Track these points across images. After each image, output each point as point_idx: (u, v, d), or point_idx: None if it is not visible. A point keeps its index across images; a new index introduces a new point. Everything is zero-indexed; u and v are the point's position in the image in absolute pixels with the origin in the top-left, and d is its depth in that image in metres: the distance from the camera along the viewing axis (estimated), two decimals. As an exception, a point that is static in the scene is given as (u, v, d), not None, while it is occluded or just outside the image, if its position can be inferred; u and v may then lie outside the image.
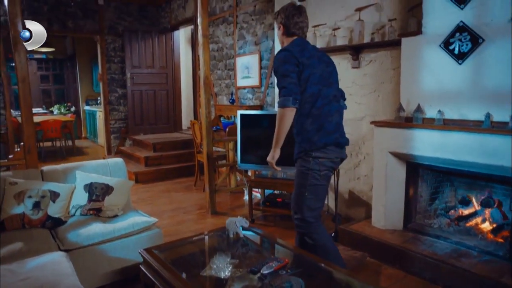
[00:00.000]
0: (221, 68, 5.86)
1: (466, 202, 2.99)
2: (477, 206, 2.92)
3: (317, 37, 3.95)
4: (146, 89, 7.17)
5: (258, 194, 4.32)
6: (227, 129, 4.76)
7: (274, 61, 2.24)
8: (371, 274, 2.67)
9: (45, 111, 10.19)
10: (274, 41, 4.51)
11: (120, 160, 3.12)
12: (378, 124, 3.05)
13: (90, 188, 2.75)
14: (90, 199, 2.72)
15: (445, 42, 2.64)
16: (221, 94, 5.93)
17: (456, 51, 2.59)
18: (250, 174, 4.62)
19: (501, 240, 2.61)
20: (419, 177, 3.03)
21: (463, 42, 2.54)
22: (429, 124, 2.71)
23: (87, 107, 9.98)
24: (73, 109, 10.34)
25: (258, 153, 3.82)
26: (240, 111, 3.79)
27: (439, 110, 2.67)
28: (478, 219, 2.85)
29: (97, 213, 2.69)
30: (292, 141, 2.31)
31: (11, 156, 2.97)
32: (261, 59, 4.95)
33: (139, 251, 2.06)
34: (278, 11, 2.36)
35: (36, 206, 2.54)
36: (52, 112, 10.08)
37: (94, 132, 9.61)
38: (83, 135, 10.45)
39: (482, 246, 2.59)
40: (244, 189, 4.64)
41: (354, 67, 3.64)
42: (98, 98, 9.38)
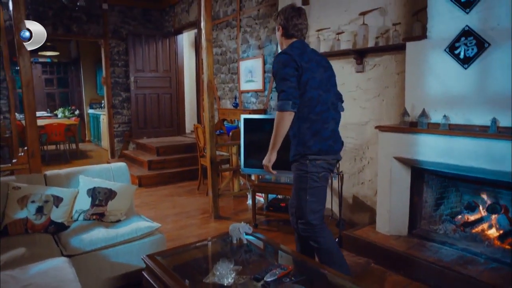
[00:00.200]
0: (224, 72, 5.87)
1: (472, 208, 2.95)
2: (483, 212, 2.89)
3: (321, 41, 3.94)
4: (150, 92, 7.19)
5: (262, 199, 4.30)
6: (231, 133, 4.75)
7: (273, 63, 2.24)
8: (376, 280, 2.64)
9: (49, 115, 10.25)
10: (277, 45, 4.51)
11: (123, 164, 3.11)
12: (382, 129, 3.02)
13: (93, 192, 2.74)
14: (93, 204, 2.71)
15: (450, 46, 2.62)
16: (224, 98, 5.93)
17: (461, 56, 2.57)
18: (253, 178, 4.60)
19: (508, 247, 2.58)
20: (424, 182, 3.00)
21: (469, 47, 2.52)
22: (434, 129, 2.69)
23: (91, 111, 10.02)
24: (77, 112, 10.39)
25: (262, 157, 3.75)
26: (243, 115, 3.78)
27: (445, 115, 2.64)
28: (485, 225, 2.82)
29: (100, 218, 2.69)
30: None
31: (15, 160, 2.97)
32: (264, 63, 4.95)
33: (142, 258, 2.05)
34: (278, 13, 2.37)
35: (39, 211, 2.54)
36: (56, 115, 10.14)
37: (97, 135, 9.64)
38: (87, 139, 10.49)
39: (488, 253, 2.55)
40: (247, 193, 4.63)
41: (358, 71, 3.62)
42: (102, 102, 9.42)
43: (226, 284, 1.79)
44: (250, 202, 4.35)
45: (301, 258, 2.12)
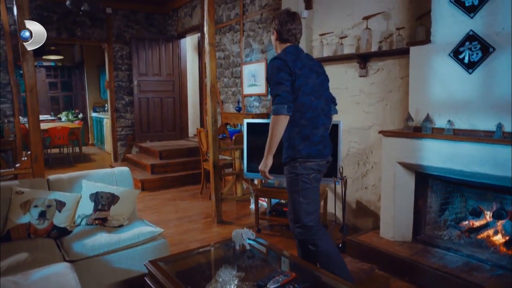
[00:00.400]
0: (227, 76, 5.87)
1: (477, 214, 2.92)
2: (488, 218, 2.86)
3: (324, 45, 3.93)
4: (153, 96, 7.20)
5: (265, 203, 4.28)
6: (234, 137, 4.74)
7: (268, 68, 2.29)
8: (380, 287, 2.62)
9: (53, 118, 10.30)
10: (280, 49, 4.50)
11: (126, 169, 3.11)
12: (386, 133, 3.01)
13: (96, 197, 2.74)
14: (95, 209, 2.71)
15: (454, 51, 2.60)
16: (227, 102, 5.93)
17: (466, 60, 2.55)
18: (256, 183, 4.59)
19: (514, 253, 2.55)
20: (428, 187, 2.97)
21: (473, 51, 2.50)
22: (438, 134, 2.67)
23: (95, 114, 10.06)
24: (80, 115, 10.43)
25: (265, 162, 3.78)
26: (246, 120, 3.77)
27: (449, 120, 2.62)
28: (490, 231, 2.79)
29: (102, 222, 2.68)
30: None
31: (18, 165, 2.98)
32: (267, 67, 4.94)
33: (144, 263, 2.04)
34: (273, 17, 2.43)
35: (42, 215, 2.53)
36: (60, 118, 10.18)
37: (101, 139, 9.67)
38: (90, 142, 10.52)
39: (494, 260, 2.52)
40: (250, 198, 4.61)
41: (361, 76, 3.61)
42: (106, 105, 9.45)
43: (228, 291, 1.77)
44: (253, 206, 4.33)
45: (304, 264, 2.10)
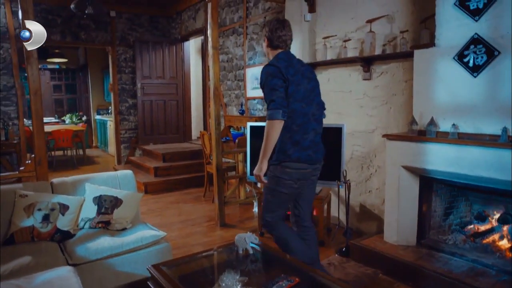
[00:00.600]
0: (231, 78, 5.87)
1: (482, 218, 2.90)
2: (494, 222, 2.83)
3: (327, 48, 3.92)
4: (156, 99, 7.22)
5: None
6: (237, 140, 4.74)
7: (261, 75, 2.33)
8: (384, 292, 2.60)
9: (57, 120, 10.34)
10: (284, 52, 4.50)
11: (129, 172, 3.11)
12: (390, 137, 2.99)
13: (99, 200, 2.74)
14: (99, 212, 2.71)
15: (459, 54, 2.59)
16: (230, 105, 5.93)
17: (470, 64, 2.53)
18: (259, 186, 4.58)
19: (520, 258, 2.52)
20: (433, 191, 2.95)
21: (478, 55, 2.48)
22: (443, 138, 2.65)
23: (98, 117, 10.09)
24: (84, 118, 10.47)
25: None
26: (250, 123, 3.77)
27: (454, 124, 2.60)
28: (496, 236, 2.76)
29: (105, 226, 2.68)
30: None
31: (22, 168, 2.99)
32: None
33: (147, 268, 2.03)
34: (264, 25, 2.45)
35: (45, 219, 2.54)
36: (64, 121, 10.23)
37: (104, 141, 9.70)
38: (94, 144, 10.56)
39: (500, 265, 2.49)
40: (253, 201, 4.60)
41: (365, 79, 3.60)
42: (109, 108, 9.49)
43: (232, 296, 1.76)
44: (256, 210, 4.32)
45: (308, 269, 2.09)
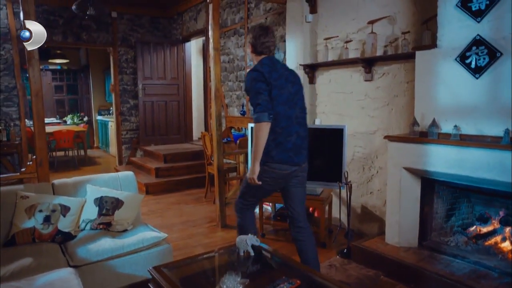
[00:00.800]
0: (232, 79, 5.87)
1: (484, 220, 2.89)
2: (496, 224, 2.82)
3: (329, 49, 3.92)
4: (158, 100, 7.22)
5: (269, 208, 4.26)
6: (238, 141, 4.73)
7: (246, 80, 2.44)
8: (386, 294, 2.59)
9: (58, 121, 10.35)
10: (285, 53, 4.50)
11: (130, 173, 3.11)
12: (392, 138, 2.98)
13: (100, 202, 2.74)
14: (100, 213, 2.71)
15: (461, 55, 2.58)
16: (232, 106, 5.92)
17: (472, 65, 2.52)
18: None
19: (522, 260, 2.51)
20: (435, 193, 2.94)
21: (480, 56, 2.48)
22: (445, 139, 2.64)
23: (100, 117, 10.10)
24: (85, 119, 10.48)
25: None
26: (251, 124, 3.76)
27: (455, 125, 2.59)
28: (498, 238, 2.75)
29: (106, 227, 2.68)
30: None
31: (23, 169, 2.99)
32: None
33: (148, 270, 2.03)
34: (249, 31, 2.57)
35: (46, 220, 2.54)
36: (65, 121, 10.24)
37: (106, 142, 9.70)
38: (95, 145, 10.56)
39: (502, 267, 2.48)
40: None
41: (366, 80, 3.59)
42: (111, 108, 9.49)
43: (233, 298, 1.76)
44: (257, 211, 4.31)
45: (309, 272, 2.08)
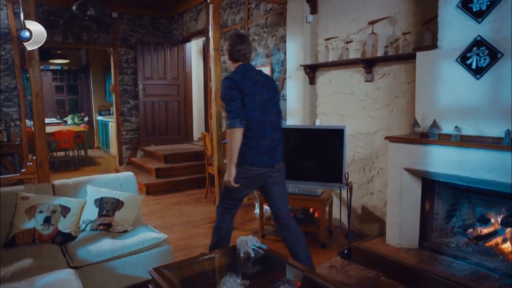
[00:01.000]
0: (232, 80, 5.86)
1: (485, 221, 2.88)
2: (497, 225, 2.81)
3: (329, 50, 3.91)
4: (158, 100, 7.22)
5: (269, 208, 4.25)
6: (238, 141, 4.72)
7: (221, 87, 2.56)
8: (386, 295, 2.59)
9: (59, 121, 10.35)
10: (285, 53, 4.49)
11: (131, 174, 3.10)
12: (392, 139, 2.98)
13: (101, 203, 2.74)
14: (100, 214, 2.70)
15: (462, 56, 2.58)
16: (232, 106, 5.91)
17: (473, 66, 2.52)
18: (261, 187, 4.56)
19: (523, 262, 2.50)
20: (435, 193, 2.94)
21: (481, 57, 2.47)
22: (445, 140, 2.63)
23: (100, 117, 10.10)
24: (86, 119, 10.48)
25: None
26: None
27: (456, 126, 2.59)
28: (499, 239, 2.74)
29: (107, 228, 2.68)
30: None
31: (24, 170, 2.99)
32: (272, 72, 4.94)
33: (148, 271, 2.03)
34: (225, 39, 2.67)
35: (46, 221, 2.54)
36: (65, 122, 10.24)
37: (106, 142, 9.70)
38: (96, 145, 10.56)
39: (503, 268, 2.47)
40: (255, 202, 4.59)
41: (367, 81, 3.59)
42: (111, 109, 9.49)
43: (233, 299, 1.75)
44: (257, 211, 4.31)
45: (309, 273, 2.08)
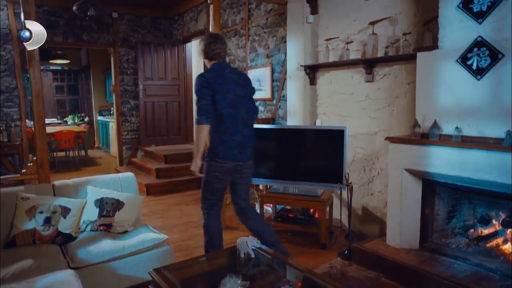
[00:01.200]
0: (232, 80, 5.86)
1: (485, 221, 2.88)
2: (497, 226, 2.81)
3: (329, 50, 3.91)
4: (158, 100, 7.22)
5: (270, 209, 4.26)
6: (239, 142, 4.72)
7: (194, 84, 2.71)
8: (387, 296, 2.58)
9: (59, 121, 10.35)
10: (286, 54, 4.49)
11: (131, 174, 3.10)
12: (393, 140, 2.97)
13: (101, 203, 2.73)
14: (100, 215, 2.70)
15: (462, 57, 2.57)
16: (232, 106, 5.91)
17: (474, 67, 2.52)
18: (261, 188, 4.56)
19: (524, 263, 2.50)
20: (436, 194, 2.93)
21: (482, 58, 2.47)
22: (446, 141, 2.63)
23: (100, 118, 10.10)
24: (86, 119, 10.48)
25: (270, 167, 3.77)
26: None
27: (457, 127, 2.59)
28: (499, 240, 2.74)
29: (107, 228, 2.67)
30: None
31: (24, 170, 2.99)
32: (273, 72, 4.94)
33: (149, 272, 2.03)
34: (201, 39, 2.81)
35: (47, 221, 2.53)
36: (66, 122, 10.24)
37: (106, 142, 9.70)
38: (96, 145, 10.57)
39: (504, 269, 2.47)
40: (255, 203, 4.58)
41: (367, 81, 3.58)
42: (111, 109, 9.49)
43: (233, 300, 1.75)
44: (257, 212, 4.30)
45: (310, 274, 2.08)
